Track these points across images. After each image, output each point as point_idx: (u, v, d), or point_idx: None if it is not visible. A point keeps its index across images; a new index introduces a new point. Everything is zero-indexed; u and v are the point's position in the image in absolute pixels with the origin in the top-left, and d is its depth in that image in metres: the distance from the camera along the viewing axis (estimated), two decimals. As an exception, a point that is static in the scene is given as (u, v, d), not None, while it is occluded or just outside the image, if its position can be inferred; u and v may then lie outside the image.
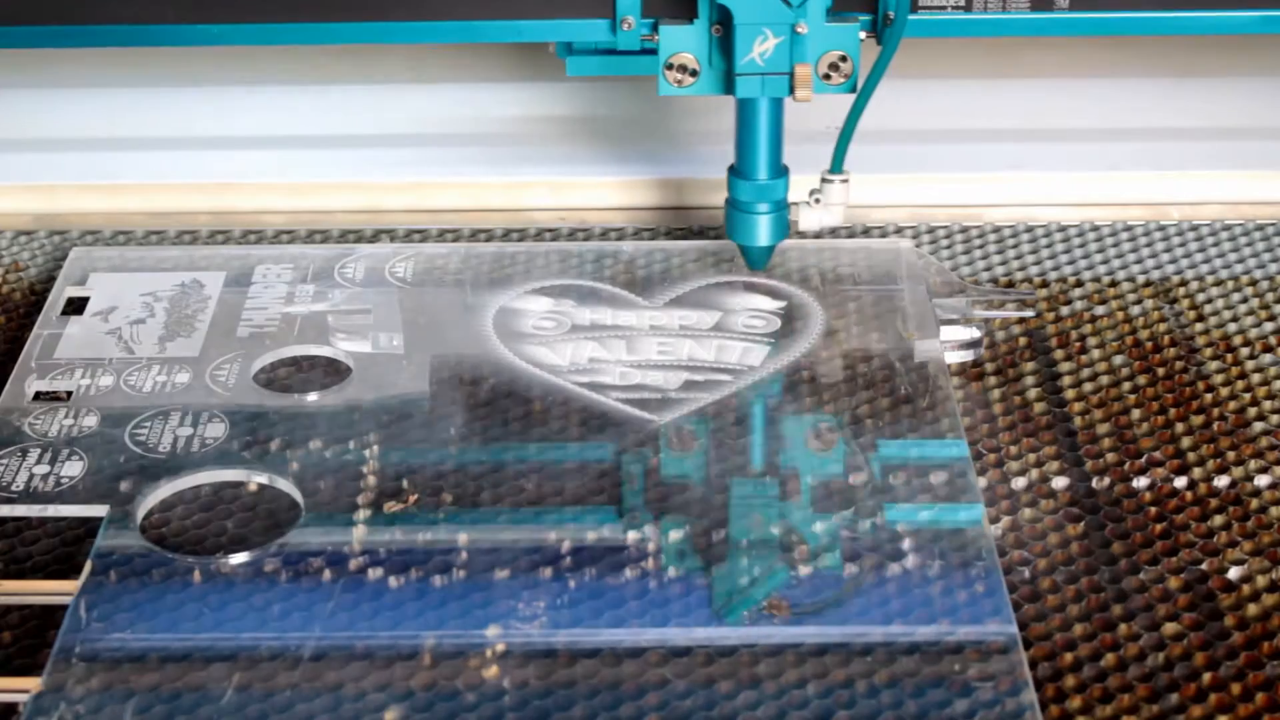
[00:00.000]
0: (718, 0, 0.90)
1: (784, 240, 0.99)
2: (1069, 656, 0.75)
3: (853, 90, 0.93)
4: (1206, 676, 0.74)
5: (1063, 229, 1.09)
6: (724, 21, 0.91)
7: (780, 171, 0.97)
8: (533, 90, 1.16)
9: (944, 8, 0.94)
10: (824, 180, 0.98)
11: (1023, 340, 0.96)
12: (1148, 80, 1.20)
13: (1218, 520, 0.83)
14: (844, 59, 0.92)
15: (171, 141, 1.15)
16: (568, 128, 1.16)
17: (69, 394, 0.90)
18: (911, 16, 0.93)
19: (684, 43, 0.92)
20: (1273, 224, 1.09)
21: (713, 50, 0.93)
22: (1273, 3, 0.94)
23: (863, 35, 0.92)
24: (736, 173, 0.97)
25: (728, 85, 0.93)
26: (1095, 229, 1.08)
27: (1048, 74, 1.21)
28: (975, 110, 1.19)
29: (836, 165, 0.97)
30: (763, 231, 0.98)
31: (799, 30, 0.91)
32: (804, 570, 0.78)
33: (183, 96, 1.19)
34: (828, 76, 0.93)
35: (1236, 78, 1.21)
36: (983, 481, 0.85)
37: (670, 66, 0.93)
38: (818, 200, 0.98)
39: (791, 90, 0.92)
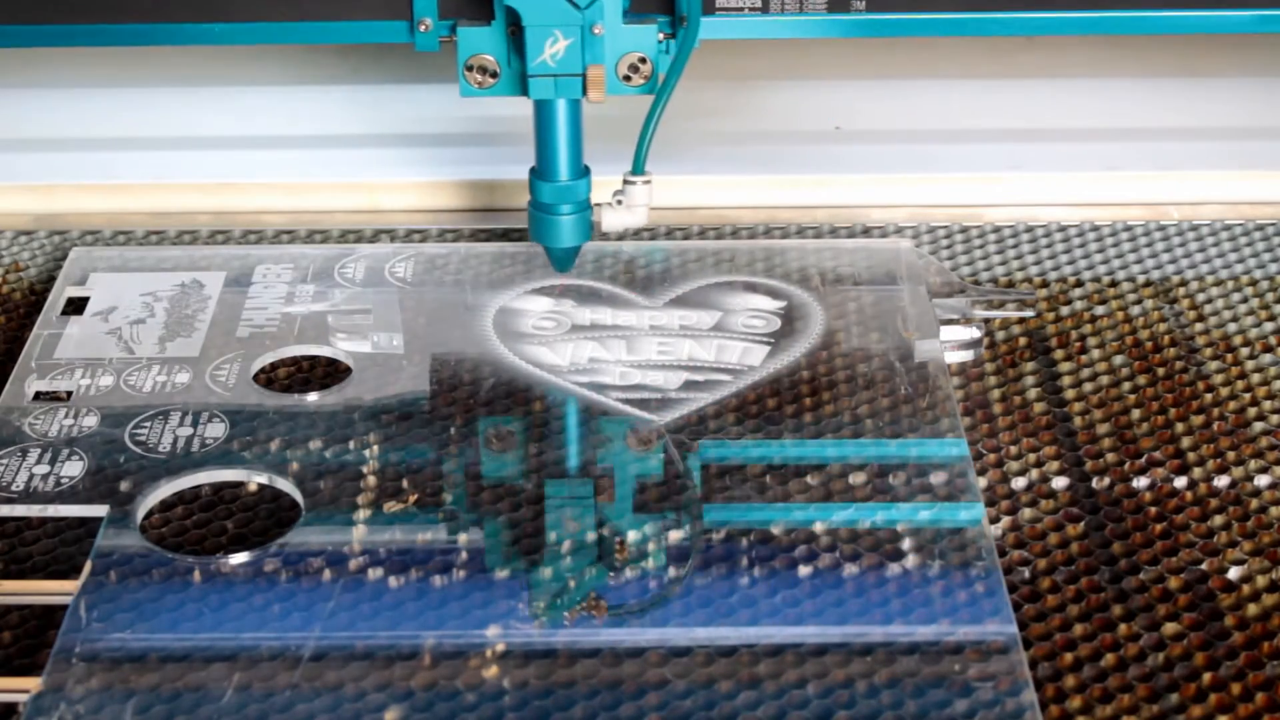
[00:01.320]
0: (506, 2, 0.90)
1: (587, 242, 0.98)
2: (1069, 656, 0.75)
3: (652, 91, 0.93)
4: (1206, 676, 0.74)
5: (1063, 229, 1.09)
6: (516, 23, 0.91)
7: (581, 172, 0.96)
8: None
9: (740, 9, 0.94)
10: (626, 181, 0.96)
11: (1023, 340, 0.96)
12: (1148, 80, 1.20)
13: (1218, 520, 0.83)
14: (643, 60, 0.92)
15: (171, 141, 1.15)
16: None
17: (69, 394, 0.90)
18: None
19: (482, 44, 0.92)
20: (1273, 224, 1.09)
21: (510, 52, 0.93)
22: (1271, 2, 0.94)
23: (661, 36, 0.92)
24: (538, 174, 0.96)
25: (525, 87, 0.93)
26: (1095, 229, 1.08)
27: (1048, 74, 1.21)
28: (975, 110, 1.19)
29: (638, 166, 0.95)
30: (565, 233, 0.97)
31: (596, 31, 0.91)
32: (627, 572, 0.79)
33: (183, 96, 1.19)
34: (628, 78, 0.93)
35: (1236, 78, 1.21)
36: (983, 481, 0.85)
37: (470, 68, 0.93)
38: (620, 201, 0.97)
39: (585, 91, 0.92)
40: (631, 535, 0.80)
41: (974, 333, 0.96)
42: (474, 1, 0.92)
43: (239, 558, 0.79)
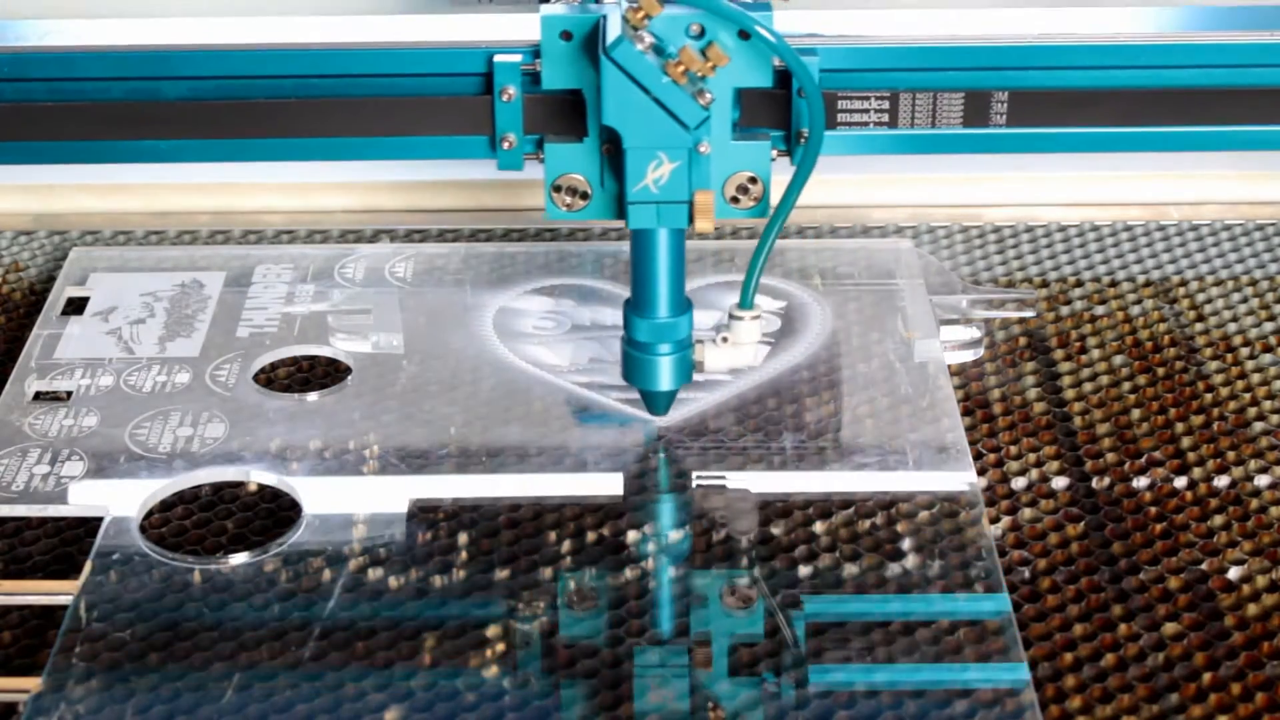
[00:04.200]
0: (604, 121, 0.79)
1: (689, 381, 0.88)
2: (1069, 656, 0.75)
3: (764, 214, 0.82)
4: (1206, 676, 0.74)
5: (1063, 229, 1.09)
6: (614, 141, 0.80)
7: (683, 308, 0.85)
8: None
9: (865, 124, 0.83)
10: (732, 317, 0.85)
11: (1023, 340, 0.96)
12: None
13: (1218, 520, 0.83)
14: (754, 180, 0.81)
15: (171, 141, 1.15)
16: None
17: (69, 394, 0.90)
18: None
19: (572, 163, 0.81)
20: (1273, 224, 1.09)
21: (604, 171, 0.81)
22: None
23: (774, 154, 0.82)
24: (634, 309, 0.85)
25: (620, 211, 0.82)
26: (1095, 229, 1.08)
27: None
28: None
29: (746, 301, 0.85)
30: (664, 375, 0.86)
31: (702, 150, 0.79)
32: None
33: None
34: (736, 200, 0.82)
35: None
36: (983, 481, 0.85)
37: (558, 189, 0.82)
38: (725, 339, 0.86)
39: (691, 220, 0.81)
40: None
41: (974, 333, 0.96)
42: (564, 115, 0.81)
43: (239, 558, 0.79)
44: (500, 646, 0.75)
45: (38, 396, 0.90)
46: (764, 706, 0.71)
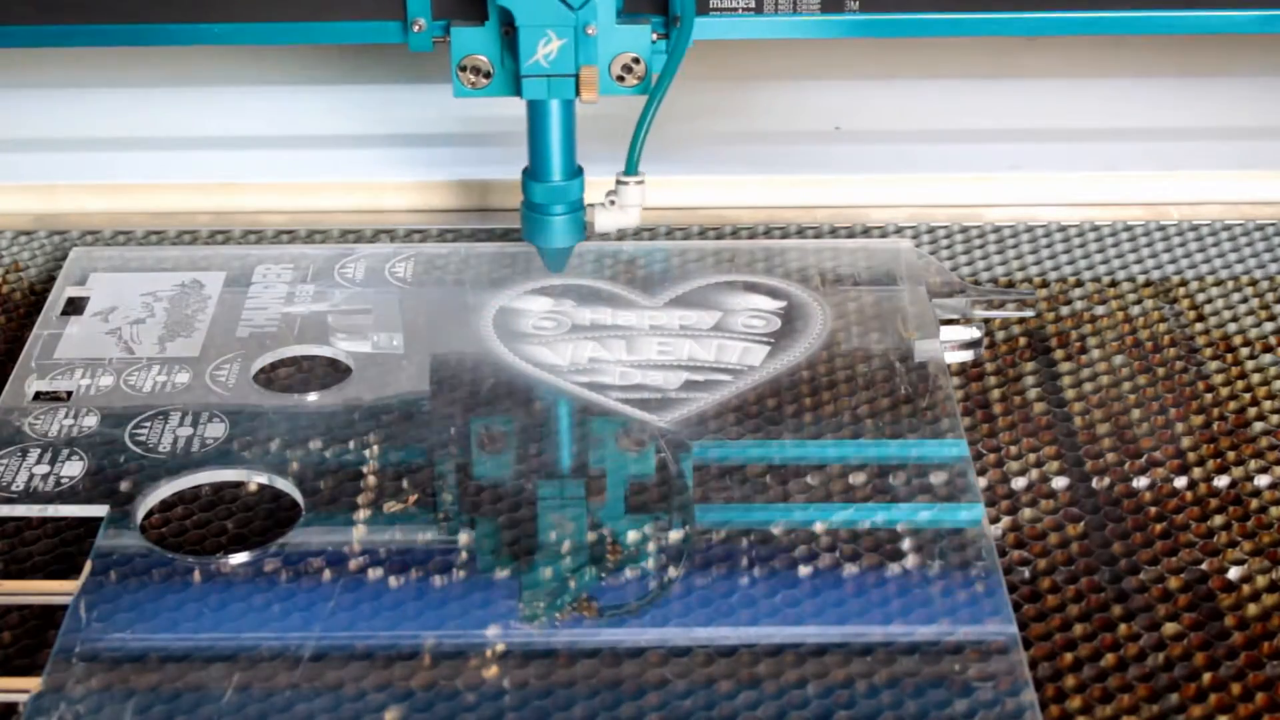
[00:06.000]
0: (499, 2, 0.89)
1: (581, 241, 0.98)
2: (1069, 656, 0.75)
3: (645, 92, 0.92)
4: (1206, 676, 0.74)
5: (1063, 229, 1.09)
6: (509, 23, 0.91)
7: (574, 173, 0.96)
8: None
9: (734, 9, 0.94)
10: (619, 182, 0.96)
11: (1023, 340, 0.96)
12: (1148, 80, 1.20)
13: (1218, 520, 0.83)
14: (636, 60, 0.92)
15: (171, 141, 1.15)
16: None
17: (69, 394, 0.90)
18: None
19: (476, 44, 0.92)
20: (1273, 224, 1.09)
21: (504, 52, 0.92)
22: (1272, 3, 0.94)
23: (654, 37, 0.92)
24: (530, 175, 0.96)
25: (517, 87, 0.92)
26: (1095, 229, 1.08)
27: (1048, 74, 1.21)
28: (975, 110, 1.19)
29: (631, 167, 0.95)
30: (558, 233, 0.97)
31: (589, 32, 0.90)
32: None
33: (183, 96, 1.19)
34: (621, 78, 0.92)
35: (1236, 78, 1.21)
36: (983, 481, 0.85)
37: (464, 68, 0.92)
38: (613, 202, 0.96)
39: (578, 92, 0.91)
40: (627, 536, 0.80)
41: (974, 333, 0.96)
42: (467, 1, 0.92)
43: (239, 558, 0.79)
44: (500, 647, 0.75)
45: (38, 396, 0.90)
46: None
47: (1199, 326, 0.98)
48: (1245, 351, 0.95)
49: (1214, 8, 0.94)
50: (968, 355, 0.95)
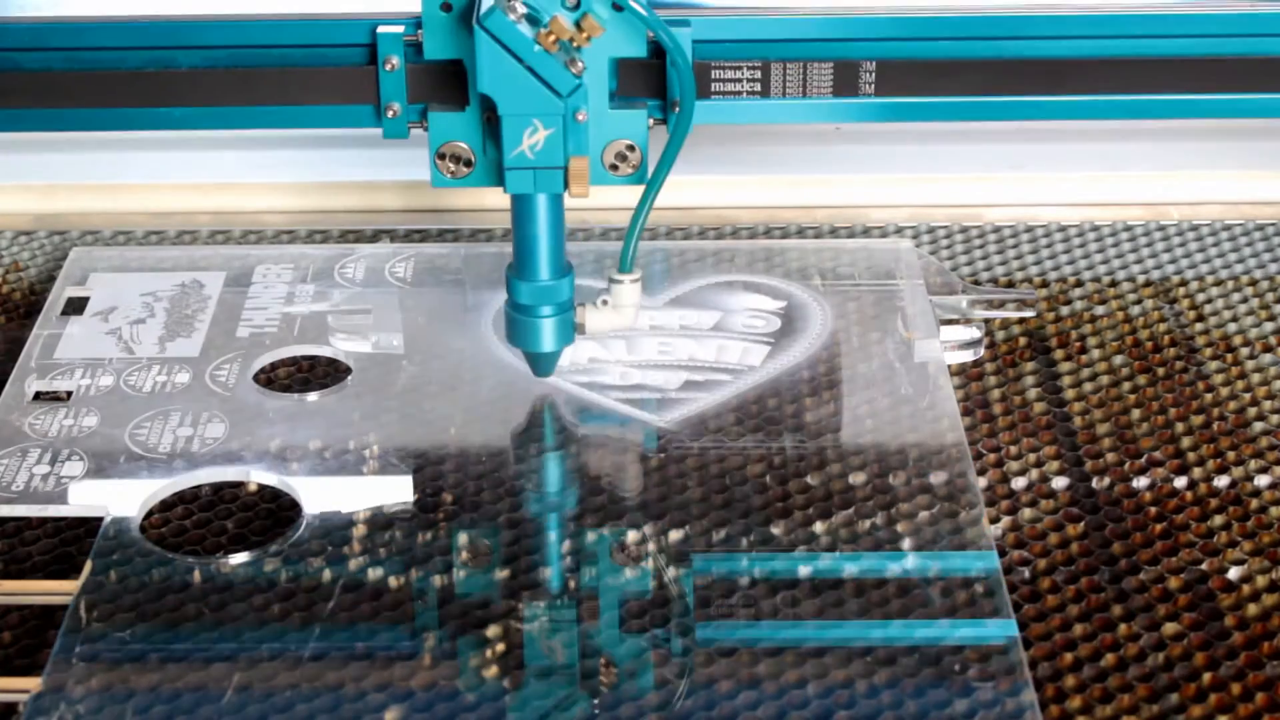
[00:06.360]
0: (479, 90, 0.80)
1: (569, 345, 0.89)
2: (1069, 656, 0.75)
3: (642, 181, 0.84)
4: (1206, 676, 0.74)
5: (1063, 229, 1.09)
6: (492, 109, 0.82)
7: (563, 271, 0.87)
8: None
9: (738, 93, 0.86)
10: (612, 281, 0.87)
11: (1023, 340, 0.96)
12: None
13: (1218, 520, 0.83)
14: (631, 148, 0.84)
15: (171, 141, 1.15)
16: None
17: (69, 394, 0.90)
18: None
19: (455, 131, 0.84)
20: (1273, 224, 1.09)
21: (485, 139, 0.84)
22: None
23: (651, 122, 0.84)
24: (515, 272, 0.87)
25: (500, 177, 0.83)
26: (1095, 229, 1.08)
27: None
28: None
29: (626, 264, 0.86)
30: (546, 337, 0.88)
31: (579, 118, 0.82)
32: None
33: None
34: (615, 167, 0.84)
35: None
36: (983, 481, 0.85)
37: (442, 156, 0.84)
38: (605, 302, 0.88)
39: (566, 185, 0.83)
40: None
41: (974, 333, 0.96)
42: (446, 85, 0.84)
43: (239, 558, 0.79)
44: (500, 647, 0.75)
45: (38, 396, 0.90)
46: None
47: (1199, 326, 0.98)
48: (1245, 351, 0.95)
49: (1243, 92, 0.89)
50: (968, 355, 0.95)
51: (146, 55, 0.86)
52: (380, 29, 0.84)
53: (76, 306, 0.98)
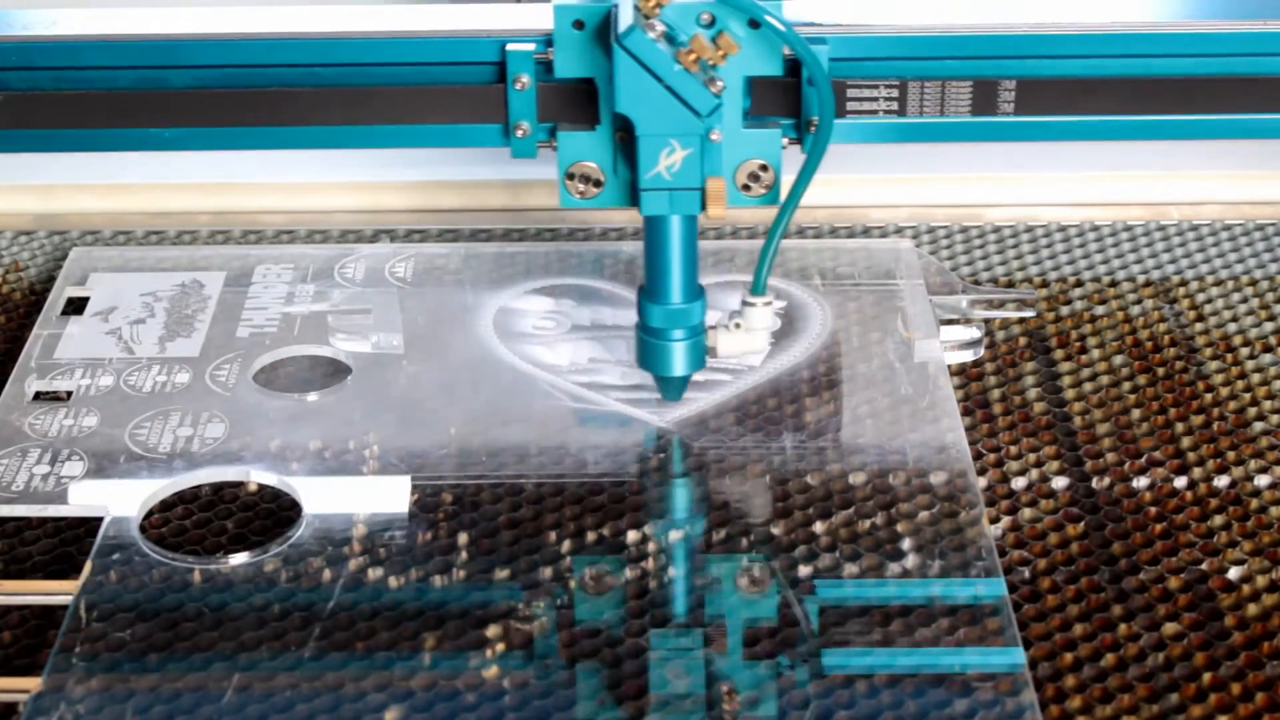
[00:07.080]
0: (616, 108, 0.79)
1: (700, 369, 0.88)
2: (1069, 656, 0.75)
3: (775, 202, 0.83)
4: (1206, 676, 0.74)
5: (1063, 229, 1.09)
6: (626, 129, 0.80)
7: (696, 294, 0.86)
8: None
9: (874, 112, 0.83)
10: (745, 303, 0.86)
11: (1023, 340, 0.96)
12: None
13: (1218, 520, 0.83)
14: (764, 168, 0.82)
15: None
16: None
17: (69, 394, 0.90)
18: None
19: (585, 151, 0.82)
20: (1273, 224, 1.09)
21: (617, 158, 0.82)
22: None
23: (785, 142, 0.82)
24: (647, 295, 0.86)
25: (633, 198, 0.82)
26: (1095, 229, 1.08)
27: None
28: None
29: (759, 287, 0.85)
30: (678, 361, 0.87)
31: (713, 138, 0.80)
32: None
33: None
34: (747, 187, 0.82)
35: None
36: (983, 481, 0.85)
37: (571, 176, 0.82)
38: (738, 325, 0.87)
39: (703, 206, 0.81)
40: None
41: (974, 333, 0.96)
42: (577, 104, 0.82)
43: (239, 558, 0.79)
44: (500, 646, 0.75)
45: (38, 396, 0.90)
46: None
47: (1199, 326, 0.98)
48: (1245, 351, 0.95)
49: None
50: (968, 355, 0.95)
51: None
52: (510, 46, 0.81)
53: (76, 306, 0.98)
